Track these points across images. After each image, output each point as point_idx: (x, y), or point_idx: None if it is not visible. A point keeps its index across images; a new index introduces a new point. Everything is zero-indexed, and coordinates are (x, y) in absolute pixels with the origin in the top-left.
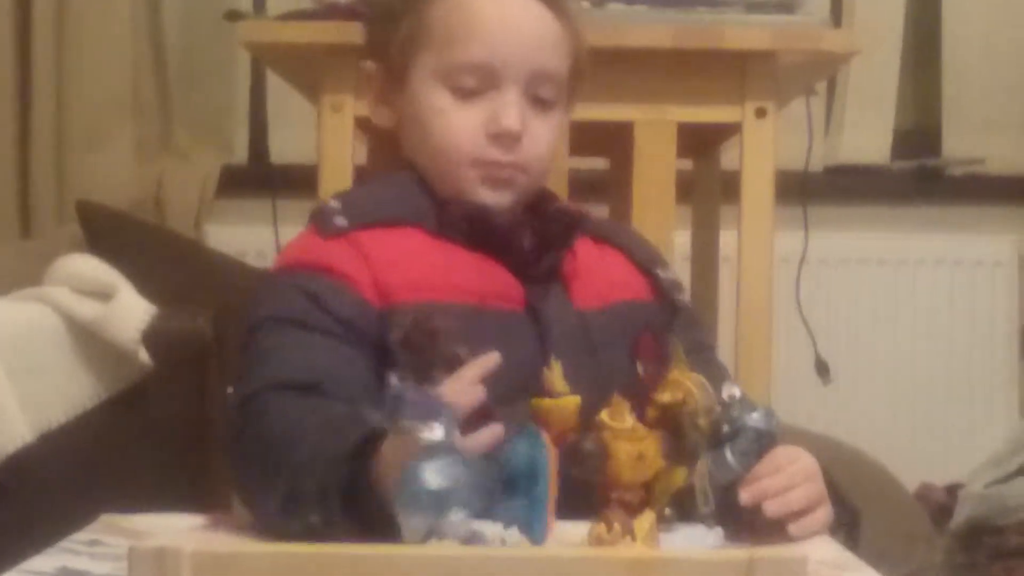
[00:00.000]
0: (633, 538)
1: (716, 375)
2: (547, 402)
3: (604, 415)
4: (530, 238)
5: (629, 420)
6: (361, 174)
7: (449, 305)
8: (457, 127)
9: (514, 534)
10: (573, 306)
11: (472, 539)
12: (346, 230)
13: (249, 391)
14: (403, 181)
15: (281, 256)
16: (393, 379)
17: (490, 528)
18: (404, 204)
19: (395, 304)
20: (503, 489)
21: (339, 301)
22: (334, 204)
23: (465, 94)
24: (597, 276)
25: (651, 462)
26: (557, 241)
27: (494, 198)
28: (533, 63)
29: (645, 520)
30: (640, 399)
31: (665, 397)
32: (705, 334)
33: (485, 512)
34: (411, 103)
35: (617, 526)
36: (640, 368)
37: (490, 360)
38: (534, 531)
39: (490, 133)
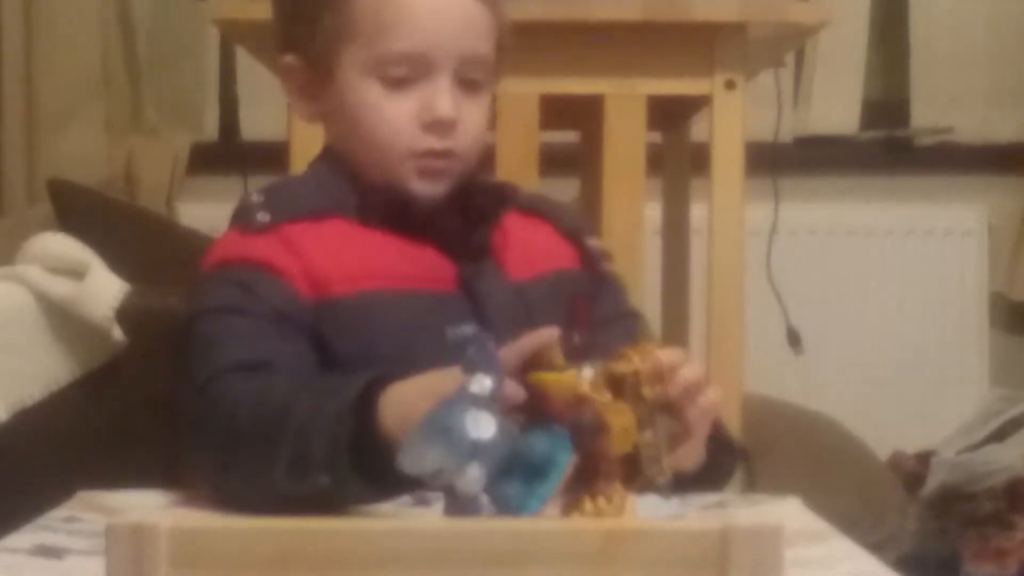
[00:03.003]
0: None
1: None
2: (550, 376)
3: (588, 389)
4: (455, 217)
5: (607, 395)
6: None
7: (384, 292)
8: (391, 119)
9: (504, 517)
10: (507, 279)
11: (471, 503)
12: (269, 226)
13: (203, 379)
14: (323, 172)
15: (209, 255)
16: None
17: (485, 499)
18: (326, 196)
19: (330, 297)
20: (506, 469)
21: (272, 293)
22: (256, 199)
23: (395, 84)
24: (527, 247)
25: (632, 433)
26: (484, 217)
27: (429, 189)
28: (463, 48)
29: (619, 489)
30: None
31: (617, 369)
32: (630, 302)
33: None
34: (339, 97)
35: (617, 498)
36: (575, 336)
37: (545, 335)
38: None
39: (424, 122)
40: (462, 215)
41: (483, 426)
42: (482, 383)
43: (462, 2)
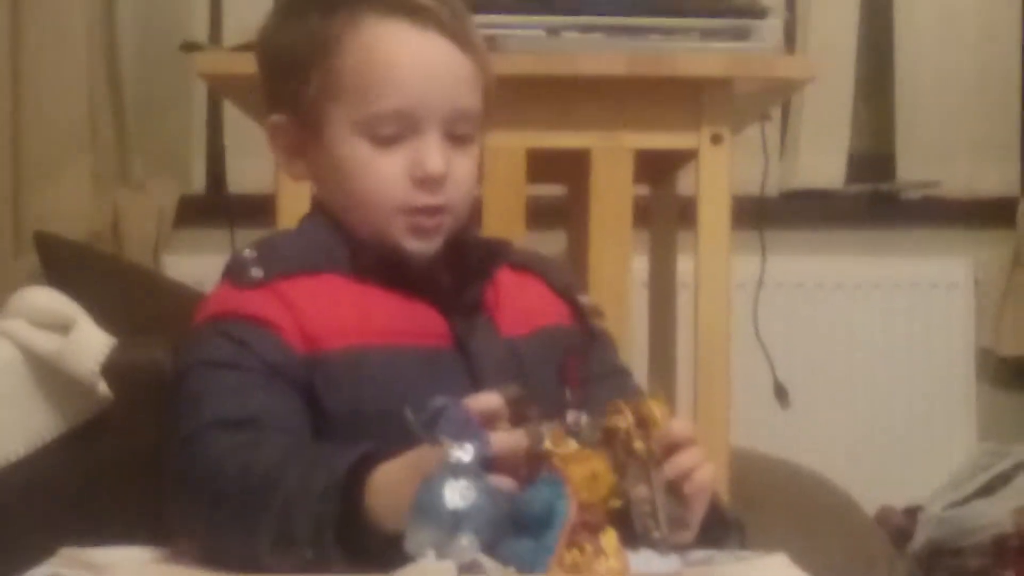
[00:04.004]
0: (606, 557)
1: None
2: None
3: (548, 444)
4: (448, 273)
5: (572, 443)
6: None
7: (376, 347)
8: (381, 177)
9: (511, 573)
10: (500, 335)
11: (472, 567)
12: (263, 282)
13: (186, 433)
14: (315, 228)
15: (201, 309)
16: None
17: (489, 562)
18: (319, 251)
19: (322, 351)
20: (512, 527)
21: (265, 347)
22: (249, 254)
23: (384, 141)
24: (520, 303)
25: (604, 479)
26: (477, 273)
27: (422, 247)
28: (451, 104)
29: (609, 537)
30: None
31: (610, 423)
32: (620, 359)
33: (489, 545)
34: (329, 156)
35: (588, 547)
36: (568, 393)
37: (483, 403)
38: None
39: (415, 178)
40: (455, 271)
41: (462, 495)
42: (462, 450)
43: (449, 58)
